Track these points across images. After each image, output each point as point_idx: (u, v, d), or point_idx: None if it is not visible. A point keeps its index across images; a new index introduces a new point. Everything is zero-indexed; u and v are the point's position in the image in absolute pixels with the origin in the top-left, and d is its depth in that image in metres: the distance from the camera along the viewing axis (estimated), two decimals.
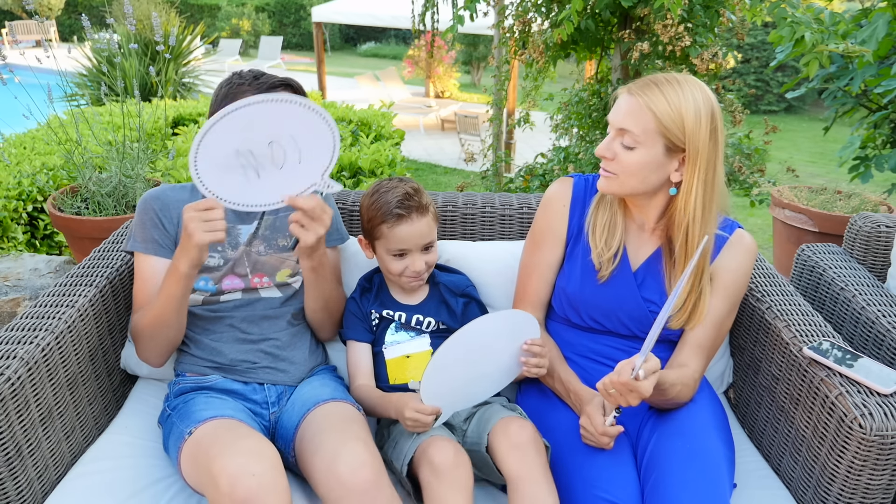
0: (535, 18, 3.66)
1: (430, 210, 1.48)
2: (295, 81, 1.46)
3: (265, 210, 1.27)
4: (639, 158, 1.30)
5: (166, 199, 1.49)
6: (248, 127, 1.20)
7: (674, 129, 1.26)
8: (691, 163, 1.28)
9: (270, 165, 1.25)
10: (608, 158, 1.33)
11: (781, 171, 4.23)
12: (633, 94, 1.29)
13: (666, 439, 1.28)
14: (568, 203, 1.50)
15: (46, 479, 1.31)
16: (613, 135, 1.33)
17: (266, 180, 1.25)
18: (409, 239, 1.45)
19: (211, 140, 1.18)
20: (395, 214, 1.43)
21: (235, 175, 1.23)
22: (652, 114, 1.26)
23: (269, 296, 1.54)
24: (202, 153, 1.19)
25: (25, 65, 2.72)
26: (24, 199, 3.07)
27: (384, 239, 1.47)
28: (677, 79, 1.29)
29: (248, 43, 17.15)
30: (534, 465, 1.25)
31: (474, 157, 4.62)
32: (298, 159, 1.26)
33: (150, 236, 1.48)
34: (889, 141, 3.27)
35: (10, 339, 1.31)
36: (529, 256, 1.55)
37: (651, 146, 1.28)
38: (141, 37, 6.16)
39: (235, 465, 1.11)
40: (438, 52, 10.56)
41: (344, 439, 1.24)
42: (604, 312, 1.44)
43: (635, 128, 1.28)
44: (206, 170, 1.20)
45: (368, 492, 1.17)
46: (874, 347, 1.64)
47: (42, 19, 3.24)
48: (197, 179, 1.21)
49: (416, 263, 1.47)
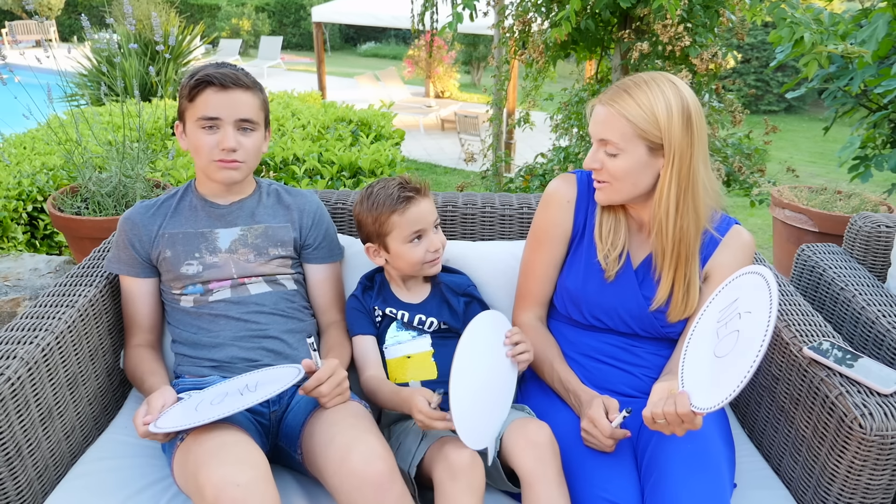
0: (535, 18, 3.66)
1: (428, 192, 1.54)
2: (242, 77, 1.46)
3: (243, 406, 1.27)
4: (623, 164, 1.32)
5: (136, 220, 1.53)
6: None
7: (650, 129, 1.28)
8: (667, 158, 1.31)
9: (236, 393, 1.30)
10: (596, 169, 1.36)
11: (781, 171, 4.23)
12: (604, 104, 1.32)
13: (666, 440, 1.28)
14: (573, 199, 1.50)
15: (46, 479, 1.31)
16: (596, 146, 1.36)
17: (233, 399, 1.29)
18: (423, 217, 1.49)
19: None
20: (403, 198, 1.48)
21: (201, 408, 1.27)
22: (626, 119, 1.29)
23: (260, 291, 1.53)
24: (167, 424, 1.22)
25: (25, 65, 2.72)
26: (24, 199, 3.07)
27: (398, 228, 1.49)
28: (645, 79, 1.31)
29: (248, 43, 17.15)
30: (550, 466, 1.24)
31: (474, 157, 4.62)
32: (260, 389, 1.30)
33: (124, 258, 1.53)
34: (889, 141, 3.27)
35: (10, 339, 1.31)
36: (532, 254, 1.54)
37: (633, 150, 1.31)
38: (141, 37, 6.16)
39: (220, 475, 1.10)
40: (438, 52, 10.56)
41: (357, 433, 1.24)
42: (605, 310, 1.45)
43: (613, 136, 1.31)
44: (167, 424, 1.22)
45: (382, 484, 1.16)
46: (874, 347, 1.64)
47: (42, 19, 3.25)
48: (157, 429, 1.21)
49: (434, 241, 1.52)
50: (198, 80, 1.41)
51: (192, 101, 1.43)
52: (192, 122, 1.44)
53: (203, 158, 1.45)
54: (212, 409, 1.22)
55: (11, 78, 2.64)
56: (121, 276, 1.54)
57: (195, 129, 1.43)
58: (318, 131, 4.06)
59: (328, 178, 3.36)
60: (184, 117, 1.47)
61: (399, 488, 1.19)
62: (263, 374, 1.35)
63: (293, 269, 1.58)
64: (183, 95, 1.45)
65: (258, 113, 1.47)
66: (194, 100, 1.42)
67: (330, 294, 1.63)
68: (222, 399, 1.26)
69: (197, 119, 1.42)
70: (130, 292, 1.54)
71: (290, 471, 1.41)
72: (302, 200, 1.62)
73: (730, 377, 1.07)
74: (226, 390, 1.31)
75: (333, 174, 3.39)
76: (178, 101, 1.47)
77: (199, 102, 1.42)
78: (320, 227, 1.62)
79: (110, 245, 1.73)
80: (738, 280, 1.18)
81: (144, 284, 1.53)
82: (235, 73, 1.44)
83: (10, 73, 2.65)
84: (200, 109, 1.42)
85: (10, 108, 2.96)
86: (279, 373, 1.33)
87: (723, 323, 1.16)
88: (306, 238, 1.60)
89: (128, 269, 1.53)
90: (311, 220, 1.60)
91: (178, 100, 1.48)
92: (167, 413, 1.25)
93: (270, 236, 1.54)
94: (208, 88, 1.41)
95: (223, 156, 1.44)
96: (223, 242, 1.52)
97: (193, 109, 1.43)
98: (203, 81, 1.41)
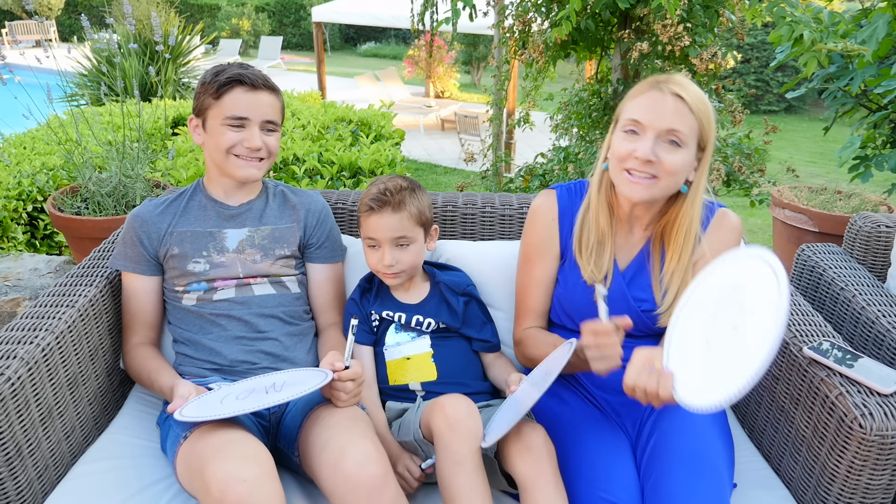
0: (535, 18, 3.66)
1: (406, 209, 1.47)
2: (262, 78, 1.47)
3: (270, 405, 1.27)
4: (682, 159, 1.28)
5: (146, 217, 1.53)
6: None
7: (706, 127, 1.29)
8: (705, 161, 1.31)
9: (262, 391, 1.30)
10: (652, 162, 1.27)
11: (781, 171, 4.24)
12: (672, 94, 1.27)
13: (666, 439, 1.28)
14: (556, 216, 1.48)
15: (46, 479, 1.31)
16: (654, 136, 1.27)
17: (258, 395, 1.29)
18: (376, 230, 1.48)
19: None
20: (367, 205, 1.48)
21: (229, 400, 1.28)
22: (692, 114, 1.27)
23: (264, 292, 1.54)
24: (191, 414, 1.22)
25: (25, 65, 2.72)
26: (24, 199, 3.07)
27: (362, 229, 1.51)
28: (683, 79, 1.31)
29: (248, 43, 17.14)
30: (546, 468, 1.25)
31: (474, 157, 4.62)
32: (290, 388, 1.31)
33: (130, 254, 1.53)
34: (889, 141, 3.27)
35: (10, 339, 1.31)
36: (525, 272, 1.53)
37: (691, 146, 1.29)
38: (140, 37, 6.16)
39: (226, 470, 1.10)
40: (438, 52, 10.56)
41: (351, 436, 1.24)
42: (596, 317, 1.44)
43: (683, 127, 1.26)
44: (193, 413, 1.23)
45: (376, 488, 1.16)
46: (874, 347, 1.64)
47: (42, 19, 3.25)
48: (182, 416, 1.21)
49: (386, 257, 1.48)
50: (228, 79, 1.42)
51: (218, 98, 1.43)
52: (216, 119, 1.44)
53: (222, 154, 1.46)
54: (237, 403, 1.23)
55: (11, 78, 2.64)
56: (125, 273, 1.54)
57: (218, 127, 1.44)
58: (318, 131, 4.05)
59: (328, 178, 3.36)
60: (205, 114, 1.46)
61: (393, 492, 1.19)
62: (290, 375, 1.35)
63: (297, 270, 1.59)
64: (207, 92, 1.44)
65: (279, 115, 1.50)
66: (221, 97, 1.43)
67: (331, 294, 1.64)
68: (248, 395, 1.26)
69: (225, 118, 1.43)
70: (134, 290, 1.54)
71: (290, 472, 1.41)
72: (308, 199, 1.63)
73: (720, 383, 1.01)
74: (252, 386, 1.31)
75: (333, 174, 3.39)
76: (199, 96, 1.46)
77: (228, 101, 1.42)
78: (324, 226, 1.63)
79: (112, 244, 1.74)
80: (746, 262, 1.09)
81: (149, 282, 1.54)
82: (262, 75, 1.47)
83: (10, 73, 2.65)
84: (229, 108, 1.42)
85: (10, 108, 2.96)
86: (306, 375, 1.33)
87: (722, 307, 1.09)
88: (310, 237, 1.60)
89: (134, 266, 1.53)
90: (315, 219, 1.61)
91: (197, 95, 1.47)
92: (193, 402, 1.27)
93: (277, 238, 1.55)
94: (238, 88, 1.42)
95: (247, 153, 1.45)
96: (231, 242, 1.52)
97: (220, 108, 1.43)
98: (233, 80, 1.42)
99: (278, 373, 1.38)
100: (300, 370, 1.39)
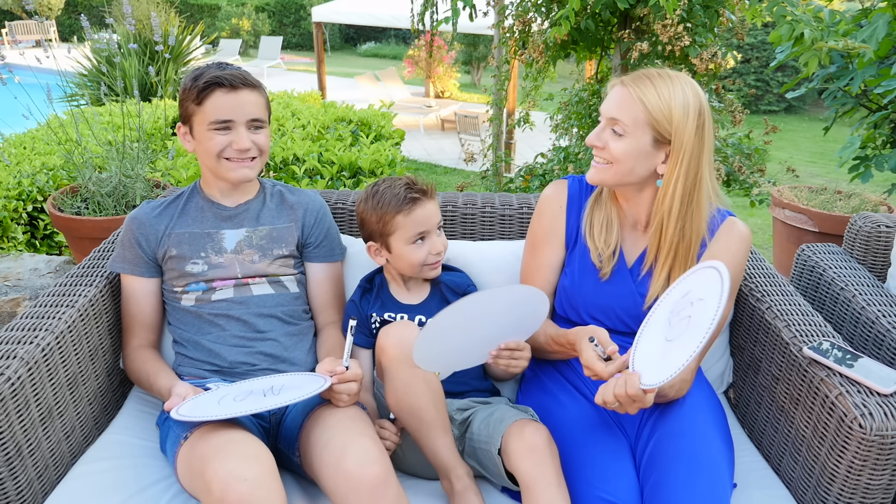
0: (535, 18, 3.66)
1: (434, 194, 1.55)
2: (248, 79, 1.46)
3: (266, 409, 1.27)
4: (626, 147, 1.33)
5: (144, 219, 1.53)
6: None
7: (662, 121, 1.30)
8: (675, 156, 1.32)
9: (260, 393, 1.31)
10: (598, 147, 1.36)
11: (781, 171, 4.23)
12: (625, 86, 1.33)
13: (666, 439, 1.28)
14: (564, 204, 1.52)
15: (46, 479, 1.31)
16: (604, 124, 1.37)
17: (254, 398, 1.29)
18: (428, 220, 1.49)
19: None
20: (409, 199, 1.47)
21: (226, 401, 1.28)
22: (642, 105, 1.30)
23: (262, 292, 1.53)
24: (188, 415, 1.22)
25: (25, 65, 2.72)
26: (24, 199, 3.07)
27: (402, 229, 1.48)
28: (669, 74, 1.33)
29: (248, 43, 17.15)
30: (548, 469, 1.25)
31: (474, 157, 4.62)
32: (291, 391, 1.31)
33: (129, 257, 1.53)
34: (889, 141, 3.27)
35: (10, 339, 1.31)
36: (530, 260, 1.55)
37: (639, 136, 1.32)
38: (140, 37, 6.16)
39: (227, 469, 1.10)
40: (438, 52, 10.56)
41: (352, 436, 1.24)
42: (602, 310, 1.45)
43: (625, 117, 1.32)
44: (189, 413, 1.22)
45: (377, 487, 1.16)
46: (874, 347, 1.64)
47: (42, 19, 3.25)
48: (180, 416, 1.21)
49: (437, 244, 1.52)
50: (206, 83, 1.40)
51: (200, 104, 1.41)
52: (202, 125, 1.43)
53: (213, 158, 1.45)
54: (234, 405, 1.23)
55: (11, 78, 2.64)
56: (124, 276, 1.54)
57: (205, 132, 1.43)
58: (318, 131, 4.06)
59: (328, 178, 3.36)
60: (191, 121, 1.45)
61: (394, 491, 1.19)
62: (289, 378, 1.35)
63: (295, 269, 1.58)
64: (189, 99, 1.43)
65: (264, 111, 1.48)
66: (203, 103, 1.41)
67: (329, 294, 1.63)
68: (245, 397, 1.26)
69: (209, 123, 1.41)
70: (133, 292, 1.54)
71: (291, 472, 1.41)
72: (305, 198, 1.63)
73: (678, 355, 1.11)
74: (251, 388, 1.31)
75: (333, 174, 3.39)
76: (182, 103, 1.45)
77: (210, 106, 1.41)
78: (322, 225, 1.62)
79: (112, 244, 1.74)
80: (693, 275, 1.21)
81: (148, 284, 1.54)
82: (240, 72, 1.44)
83: (10, 73, 2.65)
84: (212, 113, 1.41)
85: (10, 108, 2.96)
86: (305, 379, 1.33)
87: (675, 312, 1.19)
88: (308, 236, 1.60)
89: (132, 268, 1.53)
90: (313, 218, 1.61)
91: (180, 102, 1.46)
92: (190, 402, 1.27)
93: (275, 237, 1.55)
94: (217, 90, 1.40)
95: (237, 155, 1.45)
96: (229, 243, 1.52)
97: (203, 114, 1.42)
98: (212, 83, 1.40)
99: (277, 375, 1.38)
100: (299, 374, 1.38)
